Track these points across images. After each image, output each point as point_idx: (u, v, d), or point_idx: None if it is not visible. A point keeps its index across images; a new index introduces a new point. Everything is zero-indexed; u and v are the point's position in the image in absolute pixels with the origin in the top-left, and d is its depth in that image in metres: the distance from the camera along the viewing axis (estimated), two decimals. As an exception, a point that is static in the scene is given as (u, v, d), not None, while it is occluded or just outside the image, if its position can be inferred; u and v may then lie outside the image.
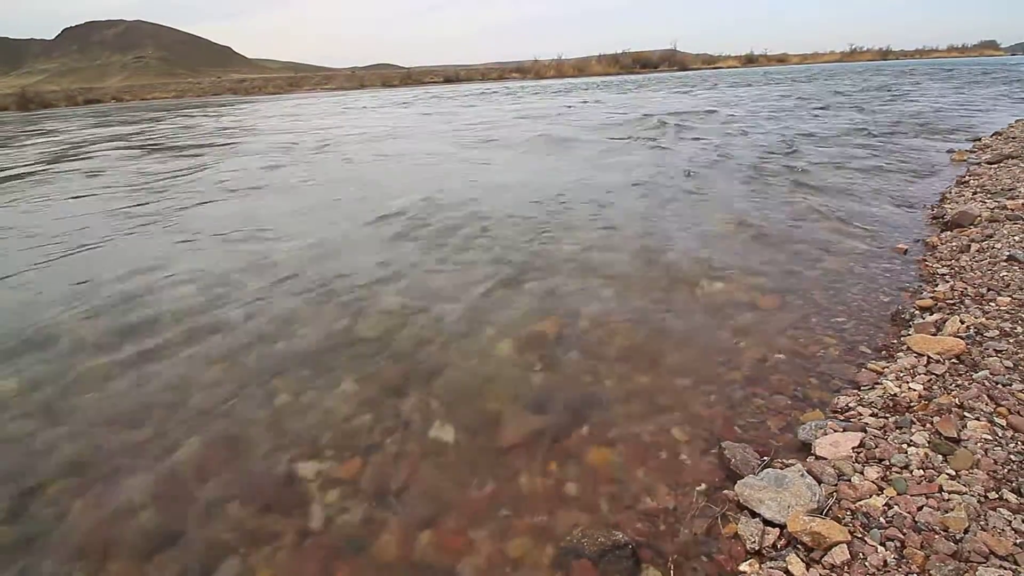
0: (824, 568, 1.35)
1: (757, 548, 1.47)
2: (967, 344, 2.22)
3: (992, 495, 1.49)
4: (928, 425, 1.79)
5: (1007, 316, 2.43)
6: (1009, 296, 2.61)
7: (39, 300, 3.41)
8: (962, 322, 2.41)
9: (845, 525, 1.44)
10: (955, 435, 1.72)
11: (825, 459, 1.72)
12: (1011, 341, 2.22)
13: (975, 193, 4.69)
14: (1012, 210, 3.91)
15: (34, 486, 1.89)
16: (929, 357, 2.20)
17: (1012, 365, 2.06)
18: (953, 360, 2.16)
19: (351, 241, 4.33)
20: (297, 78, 62.10)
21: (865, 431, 1.81)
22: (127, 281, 3.63)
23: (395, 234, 4.43)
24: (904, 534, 1.40)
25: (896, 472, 1.61)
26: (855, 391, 2.12)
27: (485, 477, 1.85)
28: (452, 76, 50.57)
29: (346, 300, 3.21)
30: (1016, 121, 9.09)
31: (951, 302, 2.69)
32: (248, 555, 1.60)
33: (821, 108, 13.35)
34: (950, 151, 6.98)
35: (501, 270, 3.55)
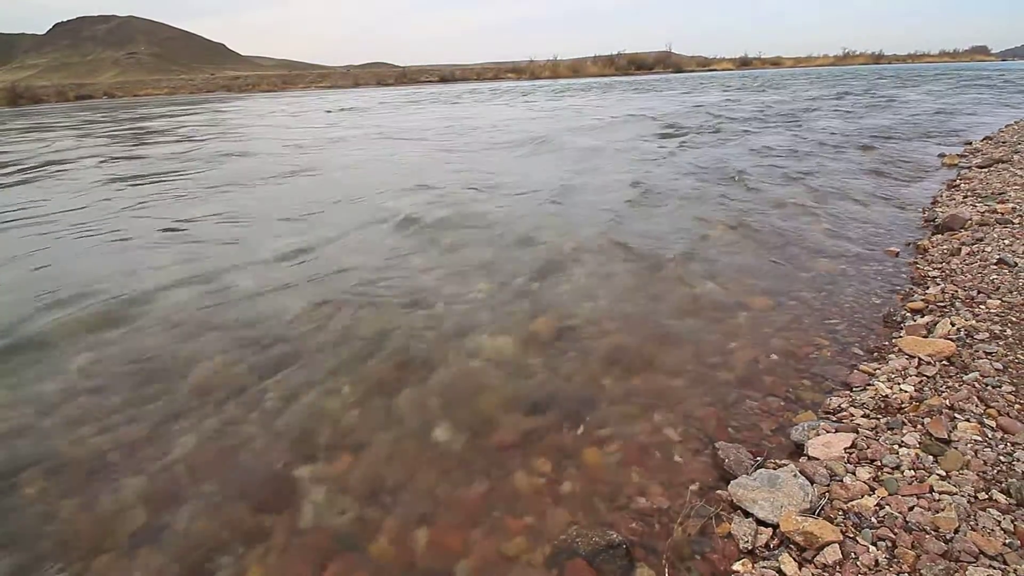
0: (816, 567, 1.36)
1: (750, 548, 1.47)
2: (957, 346, 2.25)
3: (982, 495, 1.50)
4: (919, 426, 1.81)
5: (997, 319, 2.45)
6: (999, 299, 2.64)
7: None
8: (952, 324, 2.44)
9: (837, 525, 1.45)
10: (945, 436, 1.74)
11: (817, 459, 1.73)
12: (1001, 343, 2.25)
13: (966, 197, 4.74)
14: (1002, 214, 3.96)
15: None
16: (920, 359, 2.22)
17: (1002, 367, 2.09)
18: (944, 362, 2.18)
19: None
20: (291, 76, 61.83)
21: (857, 432, 1.83)
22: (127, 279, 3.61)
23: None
24: (895, 534, 1.41)
25: (887, 472, 1.63)
26: (847, 392, 2.14)
27: (480, 476, 1.85)
28: (447, 76, 50.47)
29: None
30: (1006, 126, 9.19)
31: (942, 305, 2.72)
32: (240, 554, 1.58)
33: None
34: (941, 155, 7.05)
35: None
